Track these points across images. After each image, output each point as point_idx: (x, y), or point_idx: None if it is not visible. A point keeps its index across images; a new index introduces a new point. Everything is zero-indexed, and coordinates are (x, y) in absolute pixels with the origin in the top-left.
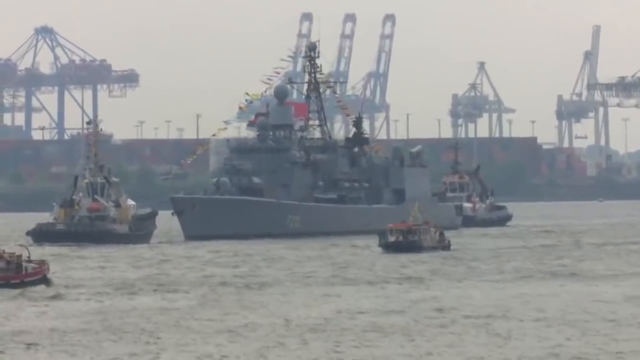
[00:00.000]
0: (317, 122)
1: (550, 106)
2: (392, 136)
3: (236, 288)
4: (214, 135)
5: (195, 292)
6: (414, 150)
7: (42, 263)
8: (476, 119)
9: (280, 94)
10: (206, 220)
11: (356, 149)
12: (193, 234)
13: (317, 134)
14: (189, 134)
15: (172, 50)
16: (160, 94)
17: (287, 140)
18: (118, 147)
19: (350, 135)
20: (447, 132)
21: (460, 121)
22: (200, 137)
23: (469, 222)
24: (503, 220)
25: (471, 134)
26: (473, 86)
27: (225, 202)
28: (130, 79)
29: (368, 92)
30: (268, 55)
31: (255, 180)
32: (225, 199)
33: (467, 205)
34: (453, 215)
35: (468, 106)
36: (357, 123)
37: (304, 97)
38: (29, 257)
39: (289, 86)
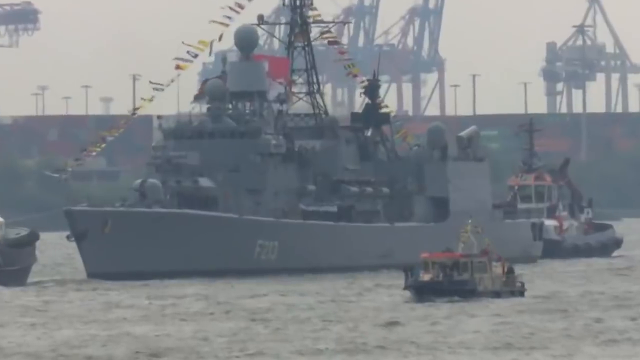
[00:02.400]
0: (305, 89)
1: None
2: (449, 111)
3: None
4: (136, 110)
5: None
6: (465, 133)
7: None
8: (585, 83)
9: (245, 41)
10: (122, 248)
11: (369, 132)
12: (100, 270)
13: (305, 107)
14: (120, 107)
15: None
16: (74, 43)
17: (256, 118)
18: (7, 128)
19: (361, 109)
20: (538, 105)
21: (559, 86)
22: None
23: (554, 250)
24: (607, 247)
25: (577, 108)
26: (580, 30)
27: (155, 217)
28: (24, 18)
29: (410, 41)
30: None
31: (204, 182)
32: (155, 212)
33: (549, 223)
34: (528, 240)
35: (572, 62)
36: (371, 90)
37: (285, 47)
38: None
39: (259, 28)
